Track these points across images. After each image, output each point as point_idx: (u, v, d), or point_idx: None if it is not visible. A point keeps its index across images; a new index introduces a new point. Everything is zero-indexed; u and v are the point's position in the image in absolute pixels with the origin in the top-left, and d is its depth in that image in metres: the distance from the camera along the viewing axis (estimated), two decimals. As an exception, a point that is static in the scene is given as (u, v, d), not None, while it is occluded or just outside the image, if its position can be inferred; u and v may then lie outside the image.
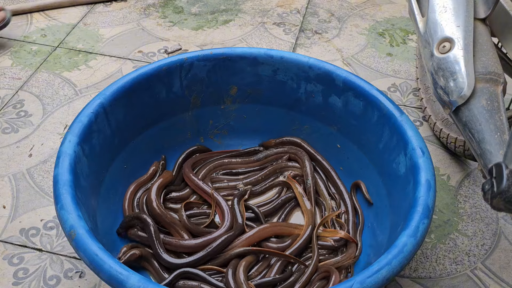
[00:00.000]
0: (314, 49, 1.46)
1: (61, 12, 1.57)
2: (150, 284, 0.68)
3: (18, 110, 1.24)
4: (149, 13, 1.58)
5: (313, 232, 0.93)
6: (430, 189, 0.81)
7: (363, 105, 0.97)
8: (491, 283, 0.94)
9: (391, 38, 1.51)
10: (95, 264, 0.71)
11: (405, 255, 0.73)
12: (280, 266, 0.88)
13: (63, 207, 0.76)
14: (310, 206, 0.97)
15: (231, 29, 1.52)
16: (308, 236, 0.92)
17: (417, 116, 1.26)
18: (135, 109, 0.99)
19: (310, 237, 0.92)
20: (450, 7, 0.86)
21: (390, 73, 1.38)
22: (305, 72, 1.02)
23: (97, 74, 1.35)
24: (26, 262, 0.94)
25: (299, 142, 1.08)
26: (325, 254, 0.93)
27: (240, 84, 1.07)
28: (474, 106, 0.80)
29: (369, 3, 1.65)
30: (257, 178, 1.04)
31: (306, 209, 0.97)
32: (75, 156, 0.84)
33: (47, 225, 1.00)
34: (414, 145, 0.87)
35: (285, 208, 1.00)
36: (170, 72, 1.01)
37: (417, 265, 0.96)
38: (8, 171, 1.10)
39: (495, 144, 0.76)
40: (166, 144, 1.07)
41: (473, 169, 1.14)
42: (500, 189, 0.63)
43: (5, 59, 1.39)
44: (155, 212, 0.93)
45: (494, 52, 0.85)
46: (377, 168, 0.97)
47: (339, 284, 0.70)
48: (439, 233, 1.02)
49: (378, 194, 0.96)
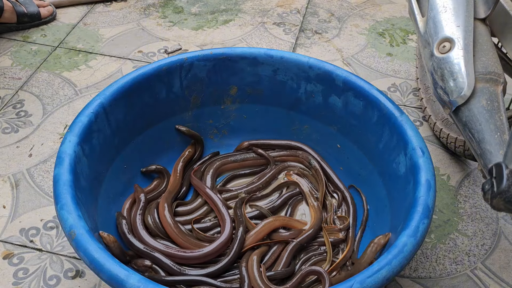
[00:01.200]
0: (314, 49, 1.46)
1: (61, 12, 1.57)
2: (150, 284, 0.68)
3: (18, 110, 1.24)
4: (149, 13, 1.58)
5: (321, 224, 0.95)
6: (430, 189, 0.81)
7: (363, 105, 0.97)
8: (491, 283, 0.94)
9: (391, 38, 1.51)
10: (95, 264, 0.71)
11: (405, 255, 0.73)
12: (288, 257, 0.90)
13: (63, 207, 0.76)
14: (315, 201, 1.00)
15: (231, 29, 1.52)
16: (317, 227, 0.94)
17: (417, 116, 1.26)
18: (135, 109, 0.99)
19: (319, 227, 0.94)
20: (450, 7, 0.86)
21: (390, 73, 1.38)
22: (305, 72, 1.02)
23: (97, 74, 1.35)
24: (26, 262, 0.94)
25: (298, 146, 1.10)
26: (323, 252, 0.93)
27: (240, 84, 1.07)
28: (474, 106, 0.80)
29: (369, 3, 1.65)
30: (257, 186, 1.03)
31: (313, 202, 0.99)
32: (75, 156, 0.84)
33: (47, 225, 1.00)
34: (414, 145, 0.87)
35: (289, 205, 1.01)
36: (170, 72, 1.01)
37: (417, 265, 0.96)
38: (8, 171, 1.10)
39: (495, 144, 0.76)
40: (166, 144, 1.07)
41: (473, 169, 1.14)
42: (500, 189, 0.63)
43: (5, 59, 1.39)
44: (172, 235, 0.92)
45: (494, 52, 0.85)
46: (377, 168, 0.97)
47: (339, 284, 0.70)
48: (439, 233, 1.02)
49: (378, 194, 0.96)
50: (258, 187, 1.03)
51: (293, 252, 0.90)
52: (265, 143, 1.10)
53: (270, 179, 1.05)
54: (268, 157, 1.07)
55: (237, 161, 1.07)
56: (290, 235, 0.93)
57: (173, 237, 0.91)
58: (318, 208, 0.98)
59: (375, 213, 0.97)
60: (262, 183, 1.03)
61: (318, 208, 0.98)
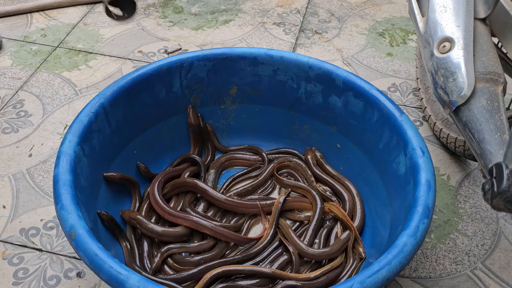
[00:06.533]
0: (314, 49, 1.46)
1: (61, 12, 1.57)
2: (150, 284, 0.68)
3: (18, 110, 1.24)
4: (149, 13, 1.58)
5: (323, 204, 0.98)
6: (430, 189, 0.81)
7: (363, 105, 0.97)
8: (491, 283, 0.94)
9: (391, 38, 1.51)
10: (95, 264, 0.71)
11: (405, 255, 0.73)
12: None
13: (63, 207, 0.76)
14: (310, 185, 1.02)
15: (231, 29, 1.52)
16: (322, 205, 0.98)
17: (417, 116, 1.26)
18: (135, 109, 0.99)
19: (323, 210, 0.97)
20: (450, 7, 0.86)
21: (390, 73, 1.38)
22: (305, 72, 1.02)
23: (97, 74, 1.35)
24: (26, 262, 0.94)
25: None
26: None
27: (240, 84, 1.07)
28: (474, 106, 0.80)
29: (369, 3, 1.65)
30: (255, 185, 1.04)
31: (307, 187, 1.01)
32: (75, 156, 0.84)
33: (47, 225, 1.00)
34: (414, 145, 0.87)
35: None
36: (170, 72, 1.01)
37: (417, 265, 0.97)
38: (8, 171, 1.10)
39: (495, 144, 0.76)
40: (166, 144, 1.07)
41: (473, 169, 1.14)
42: (500, 189, 0.63)
43: (5, 59, 1.39)
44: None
45: (494, 52, 0.85)
46: (377, 168, 0.97)
47: (339, 284, 0.70)
48: (439, 233, 1.02)
49: (378, 194, 0.96)
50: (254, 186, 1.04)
51: (315, 230, 0.95)
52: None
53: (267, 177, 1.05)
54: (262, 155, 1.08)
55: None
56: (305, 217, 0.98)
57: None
58: (313, 190, 1.00)
59: (375, 213, 0.97)
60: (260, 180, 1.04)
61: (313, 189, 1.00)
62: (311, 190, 0.99)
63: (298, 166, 1.06)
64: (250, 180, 1.04)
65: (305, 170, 1.05)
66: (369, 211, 0.98)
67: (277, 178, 1.04)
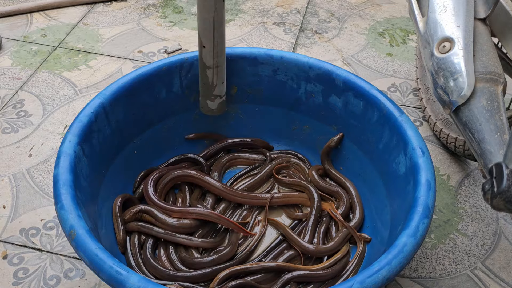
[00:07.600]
0: (314, 49, 1.46)
1: (61, 12, 1.57)
2: (150, 284, 0.68)
3: (18, 110, 1.24)
4: (149, 13, 1.58)
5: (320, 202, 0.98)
6: (430, 189, 0.81)
7: (363, 105, 0.97)
8: (491, 283, 0.94)
9: (391, 38, 1.51)
10: (95, 264, 0.71)
11: (405, 255, 0.73)
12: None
13: (63, 207, 0.76)
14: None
15: (231, 29, 1.52)
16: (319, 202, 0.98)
17: (417, 116, 1.26)
18: (135, 109, 0.99)
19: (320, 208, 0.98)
20: (450, 7, 0.86)
21: (390, 73, 1.38)
22: (305, 72, 1.02)
23: (97, 74, 1.35)
24: (26, 262, 0.94)
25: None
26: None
27: (240, 84, 1.07)
28: (474, 106, 0.80)
29: (369, 3, 1.65)
30: (252, 183, 1.04)
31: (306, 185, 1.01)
32: (75, 156, 0.84)
33: (47, 225, 1.00)
34: (414, 145, 0.87)
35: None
36: (170, 72, 1.01)
37: (417, 265, 0.96)
38: (8, 171, 1.10)
39: (495, 144, 0.76)
40: (166, 144, 1.07)
41: (473, 169, 1.14)
42: (500, 189, 0.63)
43: (5, 59, 1.39)
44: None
45: (494, 52, 0.85)
46: (377, 168, 0.97)
47: (340, 284, 0.70)
48: (439, 233, 1.02)
49: (378, 194, 0.96)
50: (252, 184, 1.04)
51: (314, 226, 0.96)
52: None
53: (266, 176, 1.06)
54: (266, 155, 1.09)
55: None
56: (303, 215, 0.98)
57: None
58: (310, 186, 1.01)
59: (375, 213, 0.97)
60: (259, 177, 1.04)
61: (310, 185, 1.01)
62: (308, 186, 1.00)
63: (297, 167, 1.06)
64: (248, 179, 1.04)
65: (303, 171, 1.05)
66: (369, 211, 0.98)
67: (276, 178, 1.04)
